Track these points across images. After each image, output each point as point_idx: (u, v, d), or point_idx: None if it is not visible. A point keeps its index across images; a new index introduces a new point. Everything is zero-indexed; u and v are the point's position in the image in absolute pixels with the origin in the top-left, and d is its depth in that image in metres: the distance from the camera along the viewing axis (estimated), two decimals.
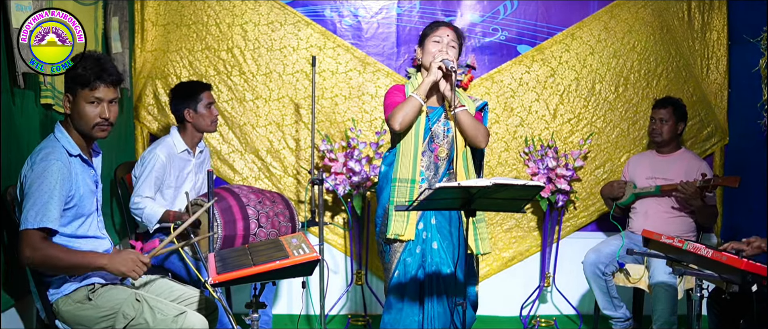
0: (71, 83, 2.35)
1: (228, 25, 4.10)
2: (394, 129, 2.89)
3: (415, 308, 2.96)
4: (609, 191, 3.87)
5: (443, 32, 2.97)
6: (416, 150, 2.93)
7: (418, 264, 2.96)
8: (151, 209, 3.18)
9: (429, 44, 2.98)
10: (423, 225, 2.98)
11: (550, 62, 4.20)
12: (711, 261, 2.44)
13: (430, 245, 2.96)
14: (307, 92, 4.12)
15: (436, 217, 2.98)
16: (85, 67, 2.33)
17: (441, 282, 2.94)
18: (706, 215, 3.60)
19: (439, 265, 2.95)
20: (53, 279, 2.38)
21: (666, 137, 3.75)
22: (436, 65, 2.84)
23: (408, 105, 2.87)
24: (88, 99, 2.35)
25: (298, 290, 4.08)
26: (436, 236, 2.97)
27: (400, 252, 2.98)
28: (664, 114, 3.74)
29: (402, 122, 2.86)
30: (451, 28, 3.03)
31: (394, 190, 2.95)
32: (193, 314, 2.41)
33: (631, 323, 3.71)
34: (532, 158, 4.09)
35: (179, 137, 3.40)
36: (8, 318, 2.56)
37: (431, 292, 2.95)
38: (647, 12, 4.22)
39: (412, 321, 2.95)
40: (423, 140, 2.95)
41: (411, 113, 2.87)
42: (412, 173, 2.93)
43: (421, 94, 2.87)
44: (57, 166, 2.26)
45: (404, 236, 2.93)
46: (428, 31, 3.02)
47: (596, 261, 3.62)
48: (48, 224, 2.22)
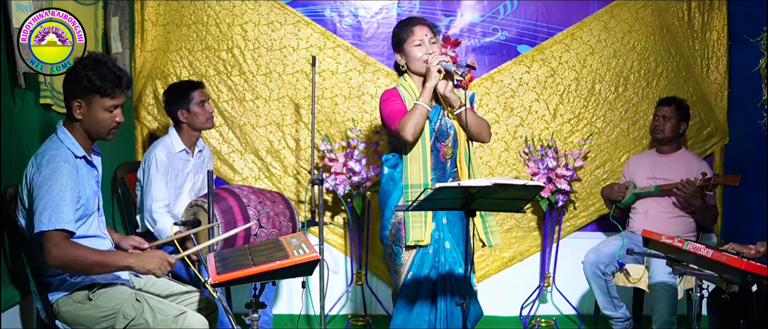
0: (86, 90, 2.33)
1: (228, 25, 4.10)
2: (407, 140, 2.84)
3: (426, 307, 2.95)
4: (609, 193, 3.87)
5: (421, 33, 2.92)
6: (425, 154, 2.90)
7: (432, 265, 2.95)
8: (163, 226, 3.19)
9: (410, 49, 2.93)
10: (435, 225, 2.96)
11: (550, 62, 4.20)
12: (711, 261, 2.44)
13: (442, 245, 2.95)
14: (307, 92, 4.12)
15: (446, 217, 2.97)
16: (102, 75, 2.32)
17: (453, 281, 2.93)
18: (707, 215, 3.60)
19: (452, 265, 2.94)
20: (53, 279, 2.38)
21: (668, 135, 3.75)
22: (435, 68, 2.82)
23: (417, 115, 2.82)
24: (105, 106, 2.36)
25: (298, 290, 4.07)
26: (448, 236, 2.96)
27: (414, 253, 2.95)
28: (668, 112, 3.75)
29: (414, 132, 2.82)
30: (424, 24, 2.96)
31: (408, 196, 2.91)
32: (193, 314, 2.41)
33: (631, 323, 3.71)
34: (532, 158, 4.09)
35: (177, 137, 3.40)
36: (8, 318, 2.57)
37: (444, 292, 2.94)
38: (647, 12, 4.22)
39: (424, 320, 2.94)
40: (429, 142, 2.93)
41: (422, 122, 2.83)
42: (424, 177, 2.90)
43: (426, 100, 2.83)
44: (66, 168, 2.26)
45: (424, 241, 2.90)
46: (403, 36, 2.95)
47: (596, 260, 3.62)
48: (64, 225, 2.22)
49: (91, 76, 2.31)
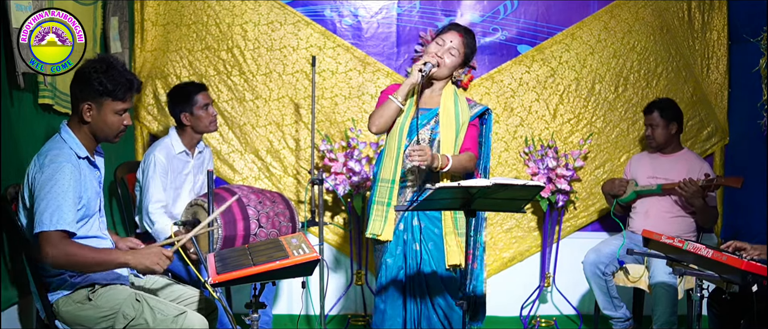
0: (97, 93, 2.33)
1: (228, 25, 4.10)
2: (370, 131, 2.93)
3: (398, 309, 2.96)
4: (610, 188, 3.86)
5: (449, 37, 2.92)
6: (399, 151, 2.92)
7: (399, 266, 2.96)
8: (161, 226, 3.19)
9: (432, 44, 2.96)
10: (403, 227, 2.96)
11: (550, 62, 4.20)
12: (711, 261, 2.44)
13: (411, 246, 2.94)
14: (307, 92, 4.12)
15: (418, 218, 2.94)
16: (115, 79, 2.33)
17: (423, 283, 2.93)
18: (707, 215, 3.60)
19: (420, 266, 2.92)
20: (53, 279, 2.38)
21: (660, 141, 3.74)
22: (417, 68, 2.83)
23: (384, 108, 2.88)
24: (116, 110, 2.37)
25: (298, 290, 4.07)
26: (417, 238, 2.93)
27: (383, 253, 2.97)
28: (652, 119, 3.73)
29: (377, 124, 2.89)
30: (461, 35, 2.94)
31: (377, 189, 2.96)
32: (193, 314, 2.41)
33: (631, 323, 3.71)
34: (532, 158, 4.09)
35: (177, 139, 3.39)
36: (8, 318, 2.57)
37: (414, 293, 2.94)
38: (647, 12, 4.22)
39: (396, 322, 2.95)
40: (407, 141, 2.91)
41: (388, 117, 2.88)
42: (393, 174, 2.92)
43: (399, 96, 2.86)
44: (68, 168, 2.26)
45: (382, 236, 2.92)
46: (440, 31, 3.01)
47: (596, 260, 3.61)
48: (64, 226, 2.22)
49: (103, 80, 2.31)
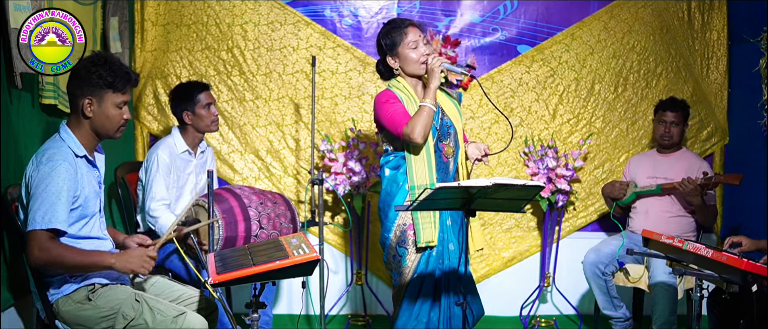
0: (97, 86, 2.33)
1: (228, 25, 4.10)
2: (417, 143, 2.82)
3: (429, 308, 2.95)
4: (610, 191, 3.86)
5: (414, 34, 2.91)
6: (429, 154, 2.90)
7: (436, 265, 2.95)
8: (164, 221, 3.19)
9: (406, 51, 2.90)
10: (440, 227, 2.96)
11: (550, 62, 4.20)
12: (711, 261, 2.44)
13: (446, 246, 2.95)
14: (307, 92, 4.12)
15: (451, 218, 2.96)
16: (114, 71, 2.34)
17: (458, 281, 2.92)
18: (706, 214, 3.60)
19: (455, 266, 2.93)
20: (53, 279, 2.38)
21: (677, 140, 3.73)
22: (439, 69, 2.83)
23: (425, 116, 2.80)
24: (116, 102, 2.38)
25: (298, 290, 4.07)
26: (452, 238, 2.95)
27: (421, 255, 2.94)
28: (675, 118, 3.70)
29: (424, 134, 2.81)
30: (415, 25, 2.94)
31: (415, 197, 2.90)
32: (192, 314, 2.41)
33: (631, 323, 3.71)
34: (532, 158, 4.08)
35: (180, 138, 3.39)
36: (8, 318, 2.57)
37: (448, 292, 2.94)
38: (647, 12, 4.22)
39: (427, 321, 2.94)
40: (433, 142, 2.92)
41: (430, 124, 2.83)
42: (430, 178, 2.88)
43: (432, 101, 2.82)
44: (64, 167, 2.26)
45: (434, 242, 2.90)
46: (397, 39, 2.92)
47: (596, 260, 3.61)
48: (56, 224, 2.22)
49: (102, 73, 2.32)
